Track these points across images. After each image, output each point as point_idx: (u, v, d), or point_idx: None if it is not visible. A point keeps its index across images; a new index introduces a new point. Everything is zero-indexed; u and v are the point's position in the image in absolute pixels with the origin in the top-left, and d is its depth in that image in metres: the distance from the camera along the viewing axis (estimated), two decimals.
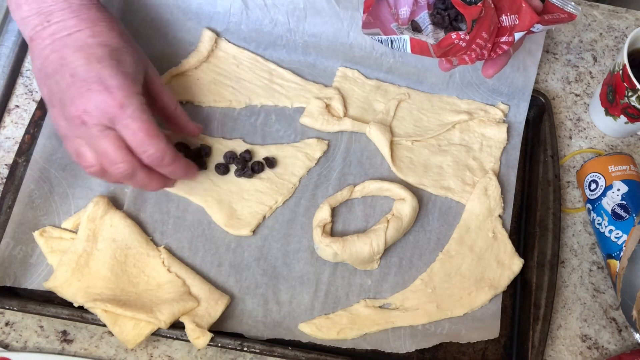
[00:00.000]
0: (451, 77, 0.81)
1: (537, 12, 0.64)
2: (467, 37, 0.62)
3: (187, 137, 0.76)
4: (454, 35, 0.63)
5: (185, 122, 0.71)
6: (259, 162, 0.75)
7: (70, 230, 0.70)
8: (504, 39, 0.65)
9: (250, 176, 0.74)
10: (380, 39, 0.67)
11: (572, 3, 0.67)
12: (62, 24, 0.62)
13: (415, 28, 0.67)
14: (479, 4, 0.61)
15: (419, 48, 0.65)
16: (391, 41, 0.66)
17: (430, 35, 0.66)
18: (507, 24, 0.64)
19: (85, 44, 0.62)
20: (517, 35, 0.64)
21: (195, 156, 0.74)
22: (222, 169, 0.74)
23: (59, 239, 0.69)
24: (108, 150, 0.61)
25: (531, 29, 0.64)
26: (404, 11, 0.67)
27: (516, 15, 0.64)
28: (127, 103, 0.60)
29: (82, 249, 0.68)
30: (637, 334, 0.71)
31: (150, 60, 0.78)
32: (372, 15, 0.66)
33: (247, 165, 0.75)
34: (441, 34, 0.66)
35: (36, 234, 0.69)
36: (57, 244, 0.69)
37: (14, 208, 0.70)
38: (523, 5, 0.63)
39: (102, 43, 0.63)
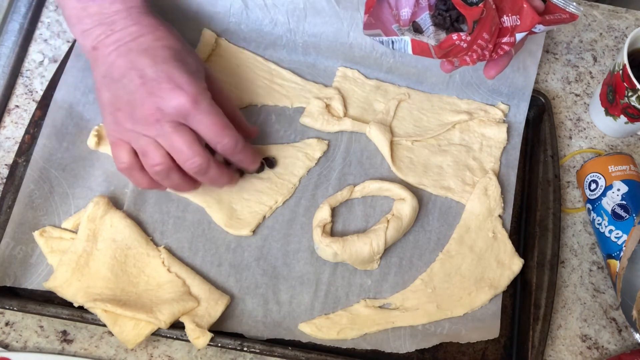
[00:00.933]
0: (451, 77, 0.81)
1: (539, 12, 0.64)
2: (469, 38, 0.62)
3: None
4: (455, 36, 0.63)
5: (241, 123, 0.72)
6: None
7: (70, 230, 0.70)
8: (505, 39, 0.65)
9: (251, 173, 0.74)
10: (381, 40, 0.67)
11: (574, 3, 0.67)
12: (125, 31, 0.65)
13: (417, 29, 0.67)
14: (480, 5, 0.60)
15: (419, 49, 0.65)
16: (392, 42, 0.66)
17: (431, 37, 0.66)
18: (509, 24, 0.64)
19: (150, 47, 0.64)
20: (519, 36, 0.64)
21: None
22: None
23: (59, 239, 0.69)
24: (183, 145, 0.63)
25: (532, 29, 0.64)
26: (405, 12, 0.67)
27: (517, 16, 0.63)
28: (199, 99, 0.62)
29: (82, 249, 0.68)
30: (637, 334, 0.71)
31: None
32: (373, 16, 0.66)
33: None
34: (442, 35, 0.66)
35: (36, 234, 0.69)
36: (57, 244, 0.69)
37: (14, 208, 0.70)
38: (524, 5, 0.63)
39: (165, 46, 0.65)
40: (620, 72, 0.75)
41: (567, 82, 0.88)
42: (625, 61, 0.74)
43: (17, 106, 0.78)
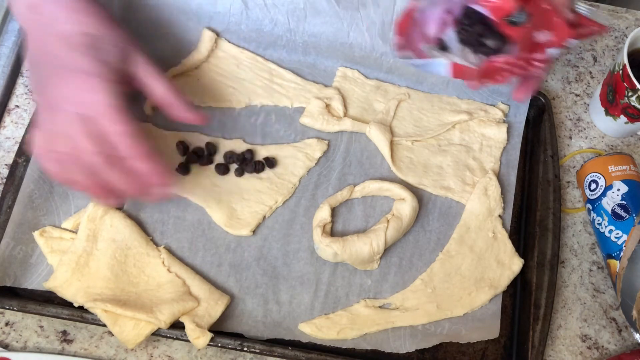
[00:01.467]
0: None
1: (570, 25, 0.61)
2: (513, 60, 0.60)
3: (187, 138, 0.75)
4: (498, 59, 0.60)
5: (182, 111, 0.69)
6: (259, 162, 0.75)
7: (70, 230, 0.70)
8: (537, 56, 0.62)
9: (250, 172, 0.74)
10: (414, 63, 0.65)
11: (603, 13, 0.64)
12: (51, 14, 0.64)
13: (443, 47, 0.64)
14: (525, 25, 0.57)
15: (459, 72, 0.63)
16: (427, 64, 0.64)
17: (459, 54, 0.63)
18: (541, 39, 0.61)
19: (70, 33, 0.63)
20: (552, 52, 0.61)
21: (198, 155, 0.74)
22: (222, 169, 0.74)
23: (59, 239, 0.69)
24: (82, 138, 0.61)
25: (565, 44, 0.61)
26: (431, 28, 0.64)
27: (550, 31, 0.60)
28: (100, 89, 0.61)
29: (82, 249, 0.68)
30: (637, 334, 0.71)
31: (150, 60, 0.78)
32: (404, 36, 0.64)
33: (249, 164, 0.74)
34: (469, 52, 0.63)
35: (36, 234, 0.69)
36: (57, 244, 0.69)
37: (14, 208, 0.70)
38: (557, 19, 0.60)
39: (84, 32, 0.63)
40: (620, 72, 0.75)
41: (567, 82, 0.88)
42: (625, 61, 0.74)
43: (17, 106, 0.78)
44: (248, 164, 0.75)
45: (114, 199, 0.65)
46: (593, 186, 0.78)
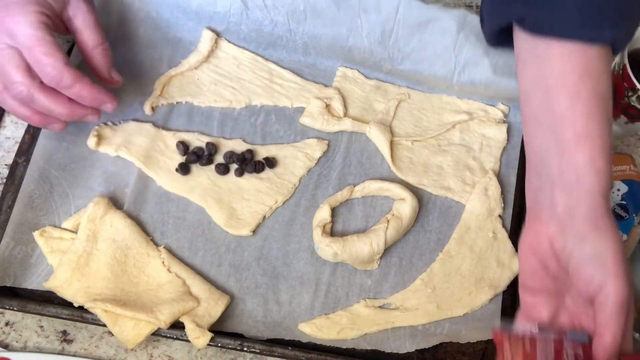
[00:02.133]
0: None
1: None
2: None
3: (187, 138, 0.76)
4: None
5: (102, 66, 0.69)
6: (259, 162, 0.75)
7: (70, 231, 0.70)
8: None
9: (250, 172, 0.74)
10: None
11: None
12: None
13: None
14: None
15: None
16: None
17: None
18: None
19: None
20: None
21: (198, 155, 0.74)
22: (222, 169, 0.74)
23: (59, 239, 0.69)
24: (7, 67, 0.61)
25: None
26: None
27: None
28: (22, 20, 0.60)
29: (82, 249, 0.68)
30: (637, 334, 0.71)
31: (151, 61, 0.79)
32: None
33: (249, 164, 0.74)
34: None
35: (36, 234, 0.69)
36: (57, 244, 0.69)
37: (14, 208, 0.70)
38: None
39: None
40: (620, 72, 0.75)
41: None
42: (625, 61, 0.74)
43: None
44: (248, 164, 0.75)
45: (55, 125, 0.66)
46: None
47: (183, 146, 0.74)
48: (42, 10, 0.62)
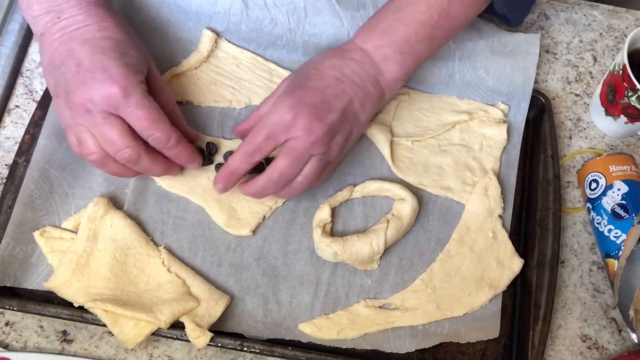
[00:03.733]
0: (451, 76, 0.81)
1: None
2: None
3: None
4: None
5: (181, 125, 0.72)
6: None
7: (71, 231, 0.70)
8: None
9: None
10: None
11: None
12: (71, 19, 0.65)
13: None
14: None
15: None
16: None
17: None
18: None
19: (92, 37, 0.65)
20: None
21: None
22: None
23: (59, 239, 0.69)
24: (113, 136, 0.63)
25: None
26: None
27: None
28: (131, 91, 0.62)
29: (82, 249, 0.68)
30: (634, 334, 0.72)
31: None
32: None
33: None
34: None
35: (36, 234, 0.69)
36: (57, 244, 0.69)
37: (14, 208, 0.70)
38: None
39: (108, 36, 0.66)
40: (620, 72, 0.75)
41: (567, 82, 0.88)
42: (625, 61, 0.74)
43: (17, 106, 0.78)
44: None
45: (155, 173, 0.70)
46: (593, 185, 0.78)
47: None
48: (142, 79, 0.65)
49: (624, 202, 0.74)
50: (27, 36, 0.82)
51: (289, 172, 0.67)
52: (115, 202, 0.72)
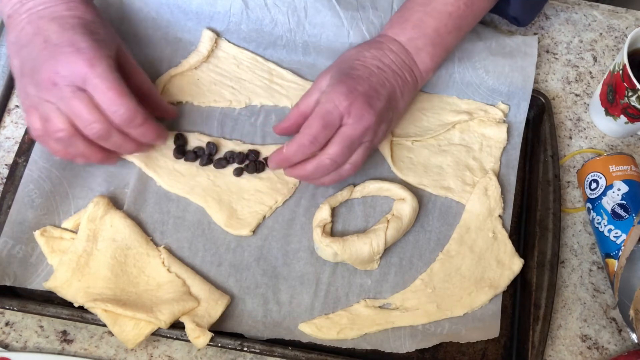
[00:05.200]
0: (451, 76, 0.82)
1: None
2: None
3: (189, 138, 0.76)
4: None
5: (160, 102, 0.72)
6: (259, 162, 0.75)
7: (71, 230, 0.70)
8: None
9: (251, 173, 0.74)
10: None
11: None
12: (39, 0, 0.65)
13: None
14: None
15: None
16: None
17: None
18: None
19: (60, 16, 0.65)
20: None
21: (197, 155, 0.74)
22: (223, 163, 0.74)
23: (59, 239, 0.69)
24: (82, 110, 0.62)
25: None
26: None
27: None
28: (96, 63, 0.62)
29: (82, 249, 0.68)
30: (634, 334, 0.72)
31: (151, 61, 0.79)
32: None
33: (249, 164, 0.74)
34: None
35: (37, 233, 0.69)
36: (57, 244, 0.69)
37: (13, 207, 0.69)
38: None
39: (76, 15, 0.66)
40: (620, 72, 0.75)
41: (567, 82, 0.88)
42: (625, 61, 0.74)
43: (17, 106, 0.78)
44: (248, 164, 0.75)
45: (113, 160, 0.70)
46: (593, 185, 0.78)
47: (180, 147, 0.75)
48: (110, 54, 0.65)
49: (624, 202, 0.74)
50: None
51: (341, 159, 0.68)
52: (115, 202, 0.72)
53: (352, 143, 0.67)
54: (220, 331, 0.67)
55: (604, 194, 0.76)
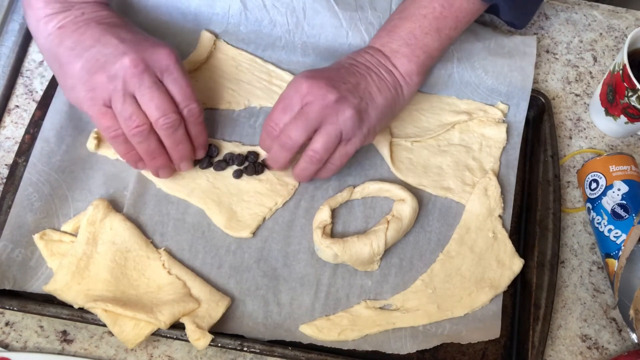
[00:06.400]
0: (450, 77, 0.81)
1: None
2: None
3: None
4: None
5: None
6: (258, 164, 0.75)
7: (70, 234, 0.70)
8: None
9: (250, 175, 0.74)
10: None
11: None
12: (95, 14, 0.68)
13: None
14: None
15: None
16: None
17: None
18: None
19: (120, 20, 0.69)
20: None
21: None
22: (222, 165, 0.74)
23: (58, 242, 0.69)
24: (162, 100, 0.65)
25: None
26: None
27: None
28: (175, 57, 0.66)
29: (82, 252, 0.68)
30: (634, 334, 0.72)
31: None
32: None
33: (249, 166, 0.74)
34: None
35: (36, 236, 0.69)
36: (57, 247, 0.69)
37: (12, 210, 0.69)
38: None
39: (129, 22, 0.70)
40: (620, 72, 0.75)
41: (567, 82, 0.88)
42: (625, 61, 0.74)
43: (17, 106, 0.78)
44: (248, 166, 0.75)
45: (169, 172, 0.72)
46: (593, 185, 0.78)
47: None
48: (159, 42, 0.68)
49: (624, 202, 0.74)
50: (27, 36, 0.82)
51: (299, 138, 0.68)
52: (114, 205, 0.72)
53: (308, 120, 0.67)
54: (220, 332, 0.67)
55: (604, 194, 0.76)
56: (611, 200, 0.75)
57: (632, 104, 0.76)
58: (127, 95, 0.64)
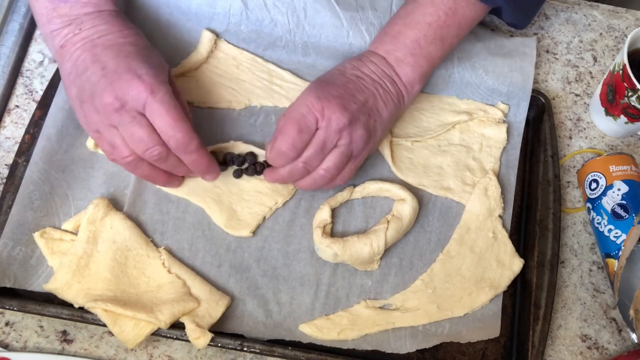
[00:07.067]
0: (450, 76, 0.81)
1: None
2: None
3: None
4: None
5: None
6: (259, 163, 0.75)
7: (71, 232, 0.70)
8: None
9: (251, 174, 0.74)
10: None
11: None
12: (93, 29, 0.67)
13: None
14: None
15: None
16: None
17: None
18: None
19: (115, 43, 0.67)
20: None
21: None
22: (222, 167, 0.74)
23: (59, 241, 0.69)
24: (143, 135, 0.64)
25: None
26: None
27: None
28: (156, 89, 0.64)
29: (82, 250, 0.68)
30: (634, 334, 0.72)
31: None
32: None
33: (249, 165, 0.74)
34: None
35: (37, 235, 0.69)
36: (57, 246, 0.69)
37: (13, 209, 0.69)
38: None
39: (131, 42, 0.67)
40: (620, 72, 0.75)
41: (567, 82, 0.88)
42: (625, 61, 0.74)
43: (17, 106, 0.78)
44: (248, 165, 0.75)
45: (175, 182, 0.72)
46: (593, 185, 0.78)
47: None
48: (166, 80, 0.67)
49: (624, 202, 0.74)
50: (27, 36, 0.82)
51: (314, 162, 0.68)
52: (115, 204, 0.72)
53: (324, 145, 0.67)
54: (220, 332, 0.67)
55: (604, 194, 0.76)
56: (611, 200, 0.75)
57: (632, 104, 0.76)
58: (112, 127, 0.65)
